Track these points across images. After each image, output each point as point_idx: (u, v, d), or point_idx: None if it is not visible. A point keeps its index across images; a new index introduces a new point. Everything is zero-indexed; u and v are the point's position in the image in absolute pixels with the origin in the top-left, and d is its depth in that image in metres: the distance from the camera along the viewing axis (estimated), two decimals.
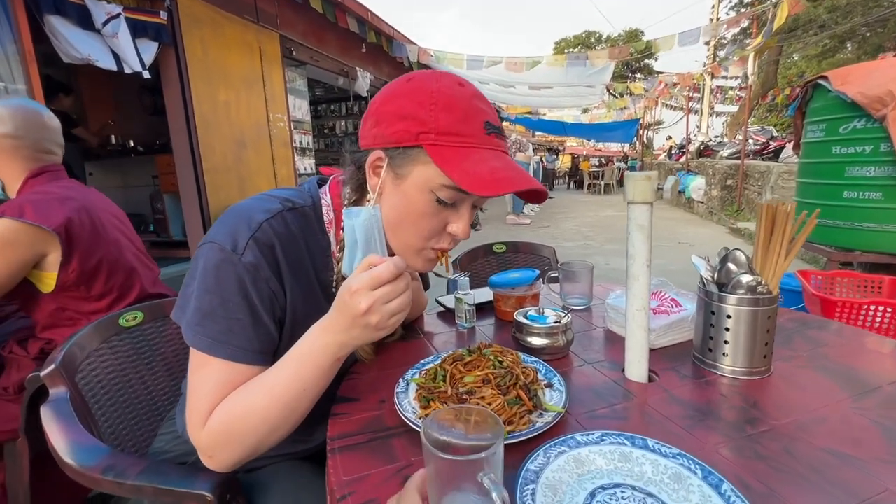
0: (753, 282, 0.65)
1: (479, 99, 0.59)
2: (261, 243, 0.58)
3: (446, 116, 0.56)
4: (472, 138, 0.57)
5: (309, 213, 0.67)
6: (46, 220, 1.04)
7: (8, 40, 2.52)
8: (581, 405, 0.61)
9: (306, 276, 0.65)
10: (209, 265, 0.57)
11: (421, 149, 0.57)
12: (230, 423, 0.55)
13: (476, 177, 0.54)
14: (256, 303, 0.58)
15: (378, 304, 0.51)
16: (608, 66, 6.66)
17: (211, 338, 0.56)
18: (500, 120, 0.66)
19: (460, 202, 0.61)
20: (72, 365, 0.84)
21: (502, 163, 0.58)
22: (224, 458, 0.57)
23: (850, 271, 2.27)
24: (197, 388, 0.57)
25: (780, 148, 7.81)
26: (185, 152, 3.50)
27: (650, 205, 0.63)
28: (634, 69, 23.68)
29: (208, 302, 0.57)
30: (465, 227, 0.62)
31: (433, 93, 0.57)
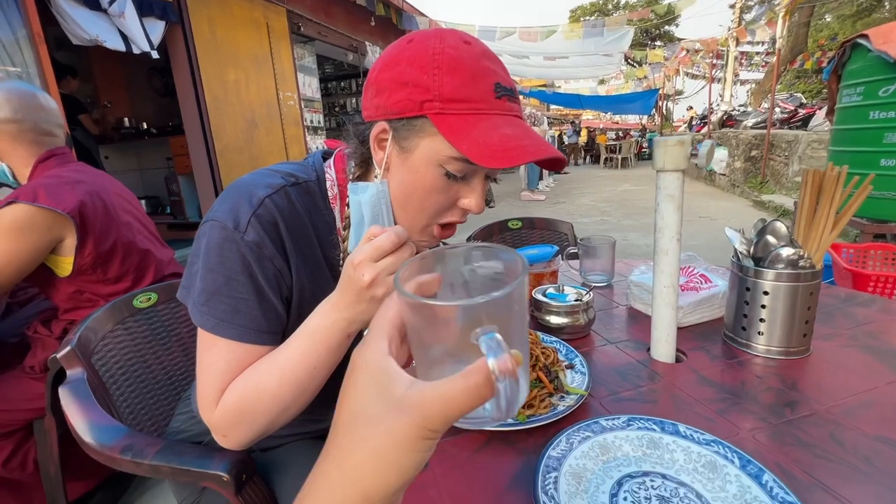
0: (795, 255, 0.60)
1: (488, 58, 0.53)
2: (263, 220, 0.56)
3: (451, 80, 0.50)
4: (481, 103, 0.51)
5: (313, 188, 0.63)
6: (60, 203, 1.04)
7: (17, 24, 2.51)
8: (604, 387, 0.58)
9: (312, 253, 0.62)
10: (212, 244, 0.55)
11: (426, 119, 0.52)
12: (242, 402, 0.54)
13: (486, 147, 0.49)
14: (262, 281, 0.56)
15: (382, 276, 0.47)
16: (626, 33, 6.36)
17: (217, 318, 0.55)
18: None
19: (472, 174, 0.56)
20: (87, 346, 0.84)
21: (515, 130, 0.52)
22: (237, 436, 0.56)
23: (883, 244, 2.16)
24: (206, 369, 0.56)
25: (809, 116, 7.42)
26: (197, 133, 3.49)
27: (682, 173, 0.58)
28: (654, 36, 22.67)
29: (212, 281, 0.55)
30: (478, 201, 0.58)
31: (436, 54, 0.51)
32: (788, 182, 5.69)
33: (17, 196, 1.01)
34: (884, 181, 2.32)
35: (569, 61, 7.99)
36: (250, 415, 0.54)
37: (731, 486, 0.39)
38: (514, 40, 6.20)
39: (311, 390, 0.55)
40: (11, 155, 1.13)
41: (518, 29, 6.01)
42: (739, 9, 15.90)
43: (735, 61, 14.94)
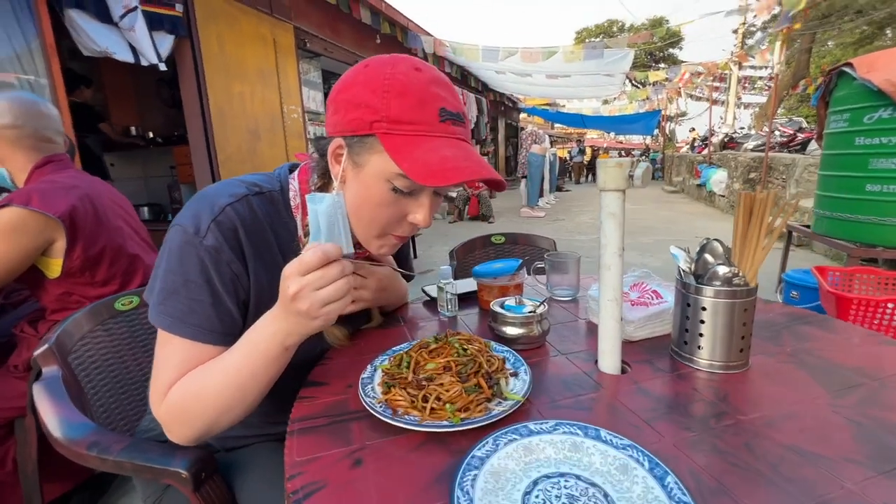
0: (729, 273, 0.62)
1: (437, 84, 0.58)
2: (223, 227, 0.59)
3: (399, 103, 0.55)
4: (425, 126, 0.56)
5: (276, 197, 0.67)
6: (51, 207, 1.08)
7: (31, 35, 2.61)
8: (545, 395, 0.61)
9: (273, 259, 0.66)
10: (173, 247, 0.59)
11: (375, 137, 0.56)
12: (185, 400, 0.57)
13: (425, 166, 0.53)
14: (217, 285, 0.59)
15: (306, 291, 0.50)
16: (627, 54, 6.49)
17: (172, 317, 0.58)
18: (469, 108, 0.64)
19: (419, 191, 0.60)
20: (65, 345, 0.88)
21: (455, 152, 0.56)
22: (181, 431, 0.59)
23: (870, 268, 2.17)
24: (159, 365, 0.59)
25: (807, 140, 7.49)
26: (201, 143, 3.57)
27: (622, 192, 0.62)
28: (658, 59, 23.00)
29: (171, 282, 0.58)
30: (425, 216, 0.62)
31: (386, 79, 0.56)
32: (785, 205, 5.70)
33: (12, 200, 1.06)
34: (869, 206, 2.35)
35: (571, 80, 8.13)
36: (192, 412, 0.57)
37: (637, 486, 0.42)
38: (516, 60, 6.33)
39: (252, 395, 0.58)
40: (11, 160, 1.18)
41: (520, 49, 6.15)
42: (742, 34, 16.15)
43: (738, 85, 15.11)
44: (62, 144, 1.28)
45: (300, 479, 0.46)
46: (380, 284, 0.78)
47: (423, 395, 0.54)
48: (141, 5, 3.03)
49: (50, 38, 2.65)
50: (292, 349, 0.57)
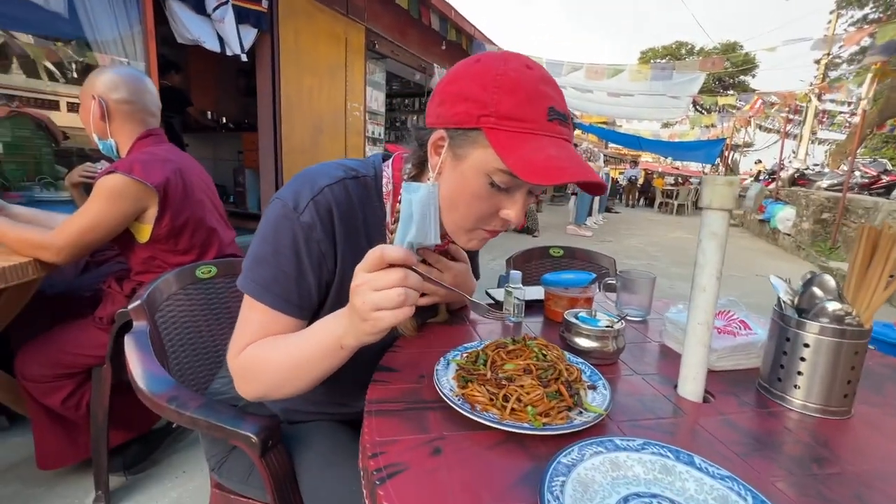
0: (842, 311, 0.58)
1: (546, 83, 0.58)
2: (320, 206, 0.62)
3: (508, 100, 0.55)
4: (533, 124, 0.56)
5: (370, 183, 0.69)
6: (150, 177, 1.17)
7: (135, 21, 2.85)
8: (624, 413, 0.58)
9: (359, 243, 0.67)
10: (271, 218, 0.63)
11: (480, 131, 0.56)
12: (253, 363, 0.62)
13: (531, 164, 0.53)
14: (305, 260, 0.62)
15: (364, 287, 0.49)
16: (697, 77, 6.24)
17: (257, 283, 0.62)
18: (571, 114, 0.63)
19: (515, 188, 0.60)
20: (154, 303, 0.94)
21: (560, 152, 0.55)
22: (244, 388, 0.64)
23: None
24: (241, 324, 0.64)
25: (893, 183, 6.89)
26: (269, 132, 3.76)
27: (728, 212, 0.59)
28: (727, 86, 21.98)
29: (262, 250, 0.62)
30: (517, 214, 0.62)
31: (498, 75, 0.56)
32: None
33: (117, 167, 1.15)
34: None
35: (633, 100, 7.91)
36: (255, 375, 0.62)
37: None
38: (580, 76, 6.25)
39: (306, 378, 0.60)
40: (121, 132, 1.29)
41: (585, 65, 6.06)
42: (825, 65, 15.15)
43: (815, 118, 14.17)
44: (159, 118, 1.39)
45: (383, 458, 0.47)
46: (454, 281, 0.78)
47: (503, 394, 0.54)
48: (232, 0, 3.25)
49: (150, 24, 2.89)
50: (349, 350, 0.57)
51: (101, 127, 1.26)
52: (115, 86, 1.26)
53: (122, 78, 1.27)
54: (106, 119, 1.25)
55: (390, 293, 0.48)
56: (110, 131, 1.27)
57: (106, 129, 1.27)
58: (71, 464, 1.37)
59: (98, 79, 1.25)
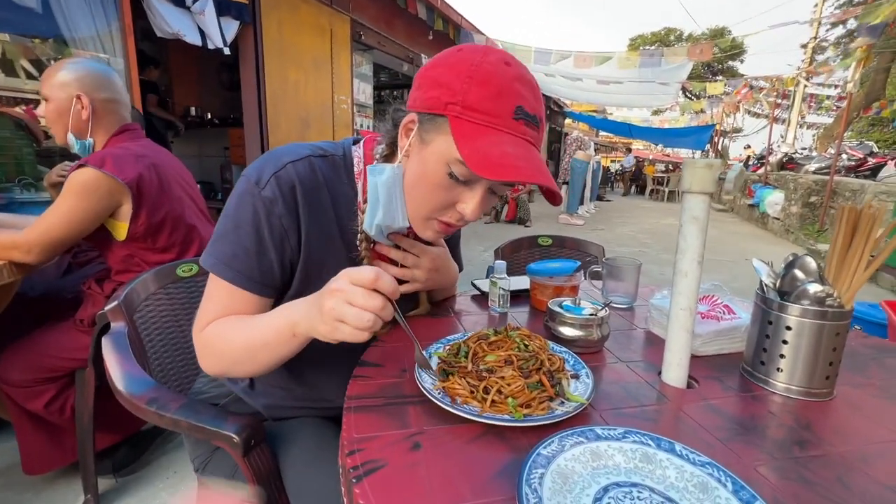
0: (822, 293, 0.58)
1: (521, 82, 0.57)
2: (282, 181, 0.61)
3: (478, 91, 0.55)
4: (497, 119, 0.55)
5: (339, 161, 0.69)
6: (121, 172, 1.14)
7: (112, 16, 2.78)
8: (607, 401, 0.58)
9: (327, 221, 0.67)
10: (234, 194, 0.63)
11: (446, 119, 0.56)
12: (214, 340, 0.62)
13: (484, 157, 0.52)
14: (266, 235, 0.61)
15: (340, 295, 0.49)
16: (686, 64, 6.23)
17: (217, 259, 0.62)
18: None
19: (474, 182, 0.60)
20: (132, 304, 0.92)
21: (518, 150, 0.55)
22: (204, 363, 0.65)
23: None
24: (204, 301, 0.65)
25: (879, 165, 6.96)
26: (255, 127, 3.70)
27: (708, 196, 0.58)
28: (716, 71, 22.00)
29: (223, 225, 0.62)
30: (473, 209, 0.61)
31: (473, 66, 0.55)
32: None
33: (87, 161, 1.12)
34: None
35: (623, 87, 7.89)
36: (215, 351, 0.63)
37: None
38: (568, 64, 6.21)
39: (259, 361, 0.61)
40: (101, 130, 1.25)
41: (574, 53, 6.02)
42: (812, 48, 15.20)
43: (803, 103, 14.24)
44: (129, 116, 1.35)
45: (360, 455, 0.46)
46: (433, 264, 0.76)
47: (483, 386, 0.53)
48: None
49: (129, 19, 2.81)
50: (301, 339, 0.57)
51: (84, 127, 1.23)
52: (102, 84, 1.23)
53: (104, 75, 1.24)
54: (90, 119, 1.22)
55: (362, 314, 0.48)
56: (91, 130, 1.24)
57: (88, 128, 1.24)
58: (58, 467, 1.35)
59: (77, 76, 1.20)
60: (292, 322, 0.56)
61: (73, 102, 1.19)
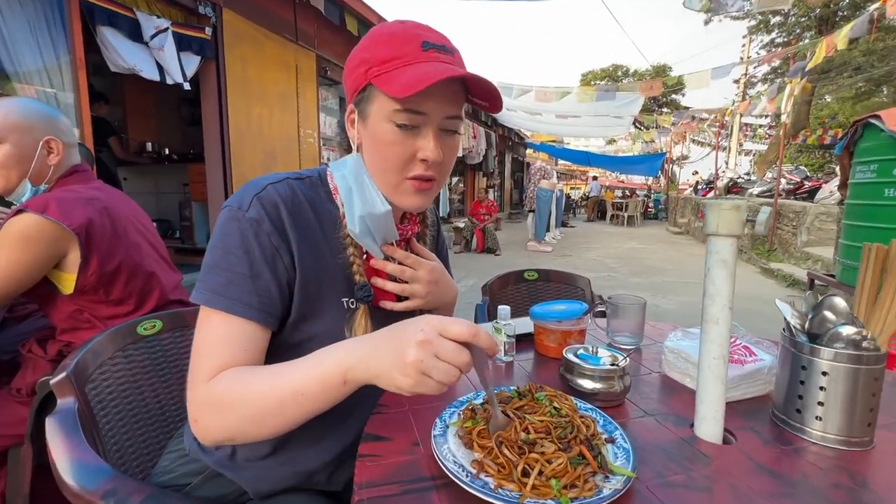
0: (857, 335, 0.55)
1: (420, 28, 0.61)
2: (265, 201, 0.60)
3: (384, 48, 0.59)
4: (408, 57, 0.58)
5: (316, 181, 0.68)
6: (68, 218, 1.02)
7: (62, 49, 2.63)
8: (649, 468, 0.52)
9: (315, 238, 0.64)
10: (218, 225, 0.60)
11: (371, 85, 0.59)
12: (228, 390, 0.53)
13: (406, 84, 0.54)
14: (258, 256, 0.58)
15: (430, 348, 0.45)
16: (637, 99, 6.63)
17: (211, 290, 0.57)
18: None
19: (423, 125, 0.60)
20: (84, 373, 0.79)
21: (435, 67, 0.57)
22: (207, 424, 0.55)
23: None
24: (199, 345, 0.57)
25: (815, 188, 7.56)
26: (217, 162, 3.56)
27: (736, 238, 0.55)
28: (661, 103, 23.66)
29: (212, 257, 0.59)
30: (433, 150, 0.61)
31: (374, 34, 0.61)
32: (797, 252, 5.68)
33: (28, 206, 1.00)
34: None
35: (580, 120, 8.28)
36: (229, 405, 0.53)
37: None
38: (529, 98, 6.46)
39: (289, 416, 0.52)
40: (53, 174, 1.13)
41: (535, 88, 6.28)
42: (744, 84, 16.67)
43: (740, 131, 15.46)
44: (79, 156, 1.24)
45: None
46: (431, 276, 0.72)
47: (522, 467, 0.46)
48: (172, 27, 3.09)
49: (80, 53, 2.67)
50: (351, 387, 0.51)
51: (46, 173, 1.11)
52: (68, 127, 1.13)
53: (53, 117, 1.13)
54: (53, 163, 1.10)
55: (451, 370, 0.46)
56: None
57: (49, 175, 1.12)
58: None
59: (44, 118, 1.10)
60: (345, 367, 0.50)
61: (38, 147, 1.07)
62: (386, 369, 0.47)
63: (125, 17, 2.84)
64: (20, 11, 2.42)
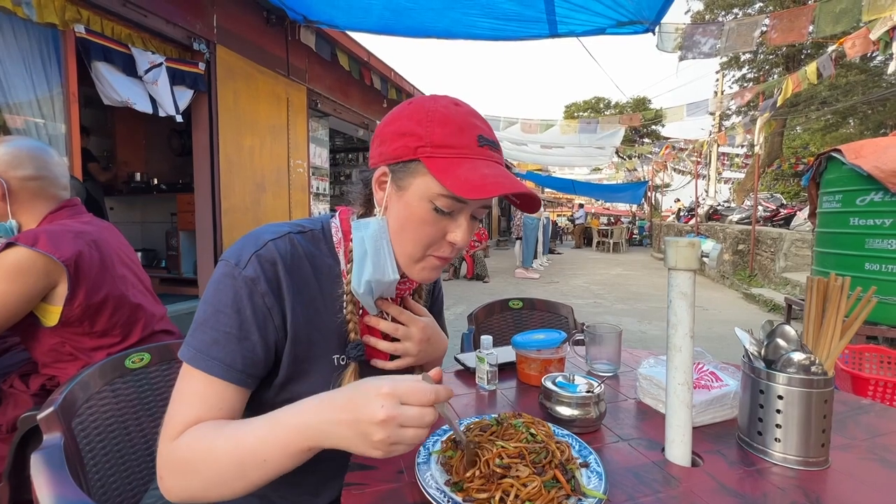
0: (806, 360, 0.60)
1: (473, 116, 0.63)
2: (263, 259, 0.60)
3: (441, 130, 0.59)
4: (465, 149, 0.60)
5: (318, 235, 0.69)
6: (57, 250, 1.04)
7: (56, 83, 2.69)
8: (621, 490, 0.55)
9: (311, 294, 0.64)
10: (214, 279, 0.60)
11: (419, 161, 0.60)
12: (191, 452, 0.53)
13: (468, 182, 0.56)
14: (248, 316, 0.58)
15: (394, 422, 0.46)
16: (619, 131, 6.90)
17: (196, 349, 0.57)
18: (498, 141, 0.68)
19: (458, 211, 0.62)
20: (71, 407, 0.80)
21: (494, 171, 0.59)
22: (172, 483, 0.53)
23: (878, 346, 2.18)
24: (175, 400, 0.57)
25: (790, 215, 7.84)
26: (206, 192, 3.59)
27: (693, 272, 0.61)
28: (642, 134, 24.53)
29: (203, 312, 0.58)
30: (463, 236, 0.63)
31: (429, 111, 0.61)
32: (776, 277, 5.84)
33: (18, 239, 1.01)
34: (869, 284, 2.40)
35: (564, 150, 8.55)
36: (191, 468, 0.52)
37: None
38: (515, 130, 6.68)
39: (251, 479, 0.51)
40: (28, 211, 1.14)
41: (520, 120, 6.51)
42: (719, 116, 17.43)
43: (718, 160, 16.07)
44: (69, 192, 1.26)
45: None
46: (424, 334, 0.72)
47: (500, 495, 0.48)
48: (166, 62, 3.17)
49: (74, 86, 2.73)
50: (311, 452, 0.51)
51: (1, 209, 1.11)
52: (18, 161, 1.12)
53: (24, 151, 1.14)
54: (6, 200, 1.11)
55: (419, 432, 0.47)
56: (12, 212, 1.12)
57: (6, 210, 1.12)
58: None
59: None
60: (306, 436, 0.49)
61: None
62: (352, 444, 0.48)
63: (120, 52, 2.91)
64: (15, 46, 2.48)
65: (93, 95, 2.92)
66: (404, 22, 3.48)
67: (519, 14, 3.08)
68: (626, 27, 3.14)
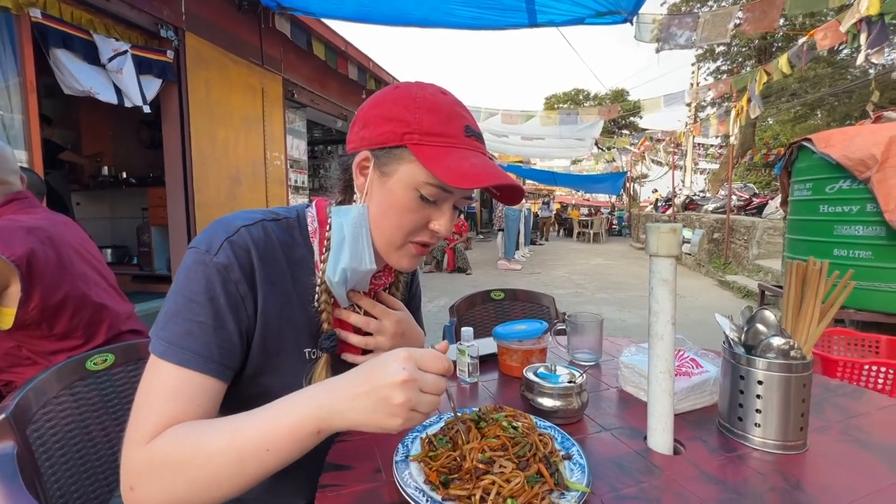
0: (786, 345, 0.60)
1: (459, 106, 0.62)
2: (236, 245, 0.57)
3: (429, 118, 0.58)
4: (453, 139, 0.59)
5: (293, 223, 0.66)
6: (7, 249, 0.97)
7: (11, 71, 2.53)
8: (604, 482, 0.54)
9: (283, 284, 0.62)
10: (183, 267, 0.57)
11: (405, 148, 0.58)
12: (174, 452, 0.47)
13: (457, 171, 0.56)
14: (223, 304, 0.55)
15: (413, 386, 0.46)
16: (598, 123, 6.95)
17: (168, 341, 0.53)
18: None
19: (442, 200, 0.62)
20: (25, 414, 0.75)
21: (481, 160, 0.59)
22: (145, 493, 0.47)
23: (844, 329, 2.26)
24: (142, 400, 0.52)
25: (763, 204, 8.07)
26: (178, 186, 3.46)
27: (674, 258, 0.60)
28: (621, 126, 24.84)
29: (174, 303, 0.55)
30: (446, 224, 0.62)
31: (417, 98, 0.59)
32: (749, 264, 6.01)
33: None
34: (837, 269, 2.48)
35: (545, 142, 8.58)
36: (175, 468, 0.47)
37: None
38: (496, 121, 6.66)
39: (249, 475, 0.48)
40: None
41: (501, 111, 6.48)
42: (695, 107, 17.77)
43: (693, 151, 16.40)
44: (19, 184, 1.18)
45: None
46: (398, 328, 0.70)
47: (480, 493, 0.47)
48: (132, 50, 3.03)
49: (31, 75, 2.58)
50: (325, 435, 0.48)
51: None
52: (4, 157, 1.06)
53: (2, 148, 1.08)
54: None
55: (435, 400, 0.48)
56: None
57: None
58: None
59: None
60: (318, 418, 0.47)
61: None
62: (369, 416, 0.46)
63: (81, 39, 2.76)
64: None
65: (54, 85, 2.77)
66: (381, 9, 3.40)
67: (498, 2, 3.04)
68: (605, 17, 3.14)
